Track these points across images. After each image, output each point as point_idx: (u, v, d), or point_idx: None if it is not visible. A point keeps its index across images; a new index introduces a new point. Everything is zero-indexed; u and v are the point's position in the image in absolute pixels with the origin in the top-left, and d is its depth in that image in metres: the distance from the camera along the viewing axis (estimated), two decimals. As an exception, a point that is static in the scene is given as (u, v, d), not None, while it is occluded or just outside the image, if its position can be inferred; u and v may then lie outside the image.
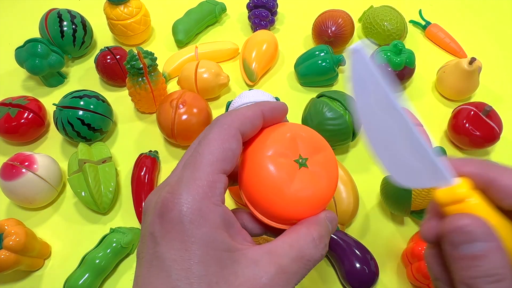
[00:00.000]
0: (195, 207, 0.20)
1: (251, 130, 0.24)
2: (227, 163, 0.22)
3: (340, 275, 0.42)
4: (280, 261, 0.21)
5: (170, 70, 0.62)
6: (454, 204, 0.20)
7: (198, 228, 0.20)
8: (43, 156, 0.48)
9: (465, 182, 0.20)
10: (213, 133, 0.22)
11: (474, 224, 0.19)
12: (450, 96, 0.60)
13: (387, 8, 0.65)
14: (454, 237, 0.19)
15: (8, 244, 0.39)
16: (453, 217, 0.19)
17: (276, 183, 0.23)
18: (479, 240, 0.18)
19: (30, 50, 0.56)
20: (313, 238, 0.22)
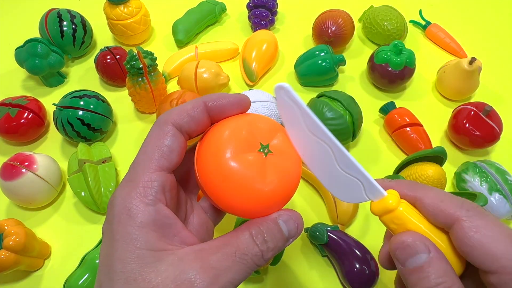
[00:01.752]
0: (124, 208, 0.21)
1: (191, 122, 0.23)
2: (163, 160, 0.22)
3: (340, 275, 0.42)
4: (207, 256, 0.20)
5: (170, 70, 0.62)
6: (387, 213, 0.22)
7: (124, 227, 0.20)
8: (43, 156, 0.48)
9: (393, 193, 0.22)
10: (149, 132, 0.23)
11: (413, 238, 0.21)
12: (450, 96, 0.60)
13: (387, 8, 0.65)
14: (399, 255, 0.21)
15: (8, 244, 0.39)
16: (394, 237, 0.22)
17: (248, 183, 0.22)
18: (420, 252, 0.20)
19: (30, 50, 0.56)
20: (250, 233, 0.21)
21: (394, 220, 0.22)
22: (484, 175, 0.46)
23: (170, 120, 0.23)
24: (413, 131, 0.52)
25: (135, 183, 0.21)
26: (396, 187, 0.23)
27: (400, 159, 0.53)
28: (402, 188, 0.23)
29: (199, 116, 0.23)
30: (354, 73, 0.64)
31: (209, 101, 0.23)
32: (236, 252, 0.21)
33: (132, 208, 0.20)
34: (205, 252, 0.20)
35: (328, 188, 0.24)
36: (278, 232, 0.22)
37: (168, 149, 0.22)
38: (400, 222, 0.22)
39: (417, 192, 0.23)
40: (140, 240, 0.20)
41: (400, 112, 0.54)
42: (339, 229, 0.44)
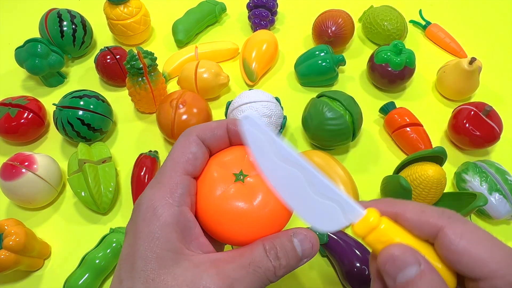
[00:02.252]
0: (150, 206, 0.21)
1: (213, 139, 0.25)
2: (188, 165, 0.23)
3: (340, 275, 0.42)
4: (223, 266, 0.21)
5: (170, 70, 0.62)
6: (370, 232, 0.21)
7: (147, 226, 0.21)
8: (43, 156, 0.48)
9: (372, 211, 0.22)
10: (176, 142, 0.25)
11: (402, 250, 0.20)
12: (450, 96, 0.60)
13: (387, 8, 0.65)
14: (389, 269, 0.20)
15: (8, 244, 0.39)
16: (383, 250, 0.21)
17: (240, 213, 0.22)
18: (410, 264, 0.19)
19: (30, 50, 0.56)
20: (264, 248, 0.22)
21: (380, 238, 0.21)
22: (484, 175, 0.46)
23: (195, 132, 0.25)
24: (413, 131, 0.52)
25: (162, 184, 0.22)
26: (374, 205, 0.23)
27: (400, 159, 0.53)
28: (380, 205, 0.23)
29: (220, 135, 0.25)
30: (354, 73, 0.64)
31: (231, 125, 0.25)
32: (251, 264, 0.21)
33: (157, 207, 0.21)
34: (221, 261, 0.21)
35: (305, 219, 0.22)
36: (292, 250, 0.22)
37: (193, 156, 0.24)
38: (385, 239, 0.21)
39: (396, 207, 0.22)
40: (161, 240, 0.21)
41: (400, 112, 0.54)
42: (339, 229, 0.44)
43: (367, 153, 0.55)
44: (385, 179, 0.46)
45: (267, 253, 0.21)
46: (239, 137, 0.25)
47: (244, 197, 0.23)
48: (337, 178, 0.47)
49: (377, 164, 0.54)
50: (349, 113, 0.49)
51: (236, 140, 0.26)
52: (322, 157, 0.49)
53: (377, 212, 0.22)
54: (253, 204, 0.23)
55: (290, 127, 0.57)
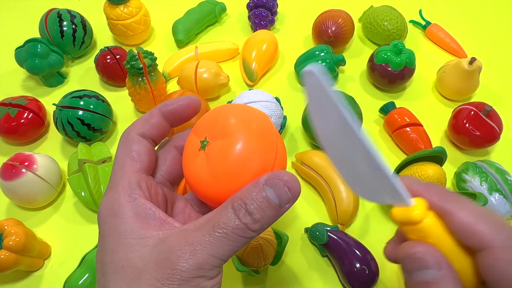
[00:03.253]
0: (108, 209, 0.23)
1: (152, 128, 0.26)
2: (135, 163, 0.24)
3: (340, 275, 0.42)
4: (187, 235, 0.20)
5: (170, 70, 0.62)
6: (409, 225, 0.20)
7: (109, 225, 0.22)
8: (43, 156, 0.48)
9: (421, 203, 0.20)
10: (118, 146, 0.25)
11: (425, 252, 0.19)
12: (450, 96, 0.60)
13: (387, 8, 0.65)
14: (407, 264, 0.20)
15: (8, 244, 0.39)
16: (406, 244, 0.20)
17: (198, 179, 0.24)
18: (430, 267, 0.19)
19: (30, 50, 0.56)
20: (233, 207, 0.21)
21: (417, 232, 0.20)
22: (484, 175, 0.46)
23: (132, 131, 0.25)
24: (413, 131, 0.52)
25: (114, 188, 0.23)
26: (426, 194, 0.21)
27: (400, 159, 0.53)
28: (432, 195, 0.21)
29: (156, 122, 0.26)
30: (354, 73, 0.64)
31: (162, 108, 0.26)
32: (215, 226, 0.20)
33: (113, 207, 0.22)
34: (187, 231, 0.21)
35: (350, 185, 0.22)
36: (264, 200, 0.20)
37: (136, 153, 0.24)
38: (422, 235, 0.20)
39: (448, 204, 0.20)
40: (126, 231, 0.21)
41: (400, 112, 0.54)
42: (339, 229, 0.44)
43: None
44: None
45: (236, 212, 0.20)
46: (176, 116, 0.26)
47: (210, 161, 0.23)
48: (337, 178, 0.47)
49: (377, 164, 0.53)
50: (349, 113, 0.48)
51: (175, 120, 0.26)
52: (322, 157, 0.49)
53: (425, 206, 0.20)
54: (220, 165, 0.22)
55: (290, 127, 0.57)
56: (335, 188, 0.46)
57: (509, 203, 0.45)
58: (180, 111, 0.26)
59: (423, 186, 0.22)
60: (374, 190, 0.21)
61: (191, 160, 0.24)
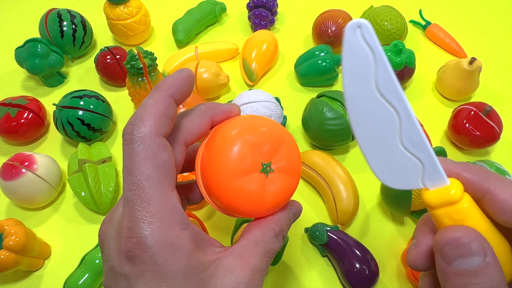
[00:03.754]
0: (165, 244, 0.19)
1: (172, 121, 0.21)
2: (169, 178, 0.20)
3: (340, 275, 0.42)
4: (251, 262, 0.22)
5: (170, 70, 0.62)
6: (445, 206, 0.19)
7: (174, 264, 0.19)
8: (43, 156, 0.48)
9: (458, 184, 0.19)
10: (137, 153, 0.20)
11: (469, 236, 0.17)
12: (450, 96, 0.60)
13: (387, 8, 0.65)
14: (448, 251, 0.18)
15: (8, 244, 0.39)
16: (447, 229, 0.18)
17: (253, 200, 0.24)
18: (475, 254, 0.17)
19: (30, 50, 0.56)
20: (275, 233, 0.24)
21: (453, 215, 0.18)
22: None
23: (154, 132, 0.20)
24: (413, 131, 0.52)
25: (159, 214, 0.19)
26: (465, 173, 0.19)
27: (400, 159, 0.52)
28: (472, 174, 0.19)
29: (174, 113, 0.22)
30: (354, 73, 0.64)
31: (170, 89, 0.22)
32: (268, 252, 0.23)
33: (172, 241, 0.19)
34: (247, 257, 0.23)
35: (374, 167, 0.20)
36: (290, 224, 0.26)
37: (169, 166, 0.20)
38: (459, 218, 0.18)
39: (490, 183, 0.19)
40: (194, 268, 0.20)
41: (400, 112, 0.54)
42: (339, 229, 0.44)
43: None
44: (385, 179, 0.46)
45: (276, 237, 0.24)
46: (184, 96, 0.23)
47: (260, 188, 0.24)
48: (337, 178, 0.47)
49: (377, 164, 0.53)
50: (349, 113, 0.48)
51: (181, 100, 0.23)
52: (322, 157, 0.49)
53: (462, 186, 0.19)
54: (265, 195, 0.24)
55: (290, 127, 0.57)
56: (335, 188, 0.46)
57: (509, 203, 0.45)
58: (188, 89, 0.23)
59: (461, 165, 0.20)
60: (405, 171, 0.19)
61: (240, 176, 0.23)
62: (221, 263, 0.22)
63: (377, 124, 0.19)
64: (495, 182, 0.19)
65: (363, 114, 0.19)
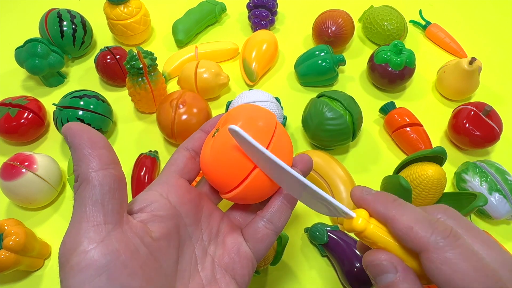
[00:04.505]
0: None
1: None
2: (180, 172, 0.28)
3: (340, 275, 0.42)
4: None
5: (170, 70, 0.62)
6: (356, 233, 0.23)
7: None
8: (43, 156, 0.48)
9: (362, 213, 0.23)
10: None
11: (381, 258, 0.21)
12: (450, 96, 0.60)
13: (387, 8, 0.65)
14: (370, 271, 0.22)
15: (8, 244, 0.39)
16: (367, 253, 0.23)
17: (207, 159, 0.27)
18: (388, 271, 0.21)
19: (30, 50, 0.56)
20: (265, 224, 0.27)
21: (365, 239, 0.23)
22: (484, 175, 0.46)
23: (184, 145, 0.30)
24: (413, 131, 0.52)
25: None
26: (372, 203, 0.23)
27: (400, 159, 0.53)
28: (377, 204, 0.23)
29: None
30: (354, 73, 0.64)
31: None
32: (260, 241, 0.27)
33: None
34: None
35: (307, 205, 0.26)
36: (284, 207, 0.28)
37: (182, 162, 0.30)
38: (370, 242, 0.22)
39: (392, 211, 0.22)
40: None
41: (400, 112, 0.54)
42: (339, 229, 0.44)
43: (367, 153, 0.55)
44: (385, 179, 0.46)
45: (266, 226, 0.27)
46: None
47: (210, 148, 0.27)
48: (337, 178, 0.47)
49: (377, 164, 0.54)
50: (349, 113, 0.49)
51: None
52: (322, 157, 0.49)
53: (366, 216, 0.23)
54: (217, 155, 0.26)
55: (290, 127, 0.57)
56: (335, 188, 0.46)
57: (509, 203, 0.45)
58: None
59: (372, 196, 0.23)
60: (325, 208, 0.24)
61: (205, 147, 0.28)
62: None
63: (287, 183, 0.25)
64: (396, 210, 0.22)
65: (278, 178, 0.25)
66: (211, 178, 0.27)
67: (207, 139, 0.28)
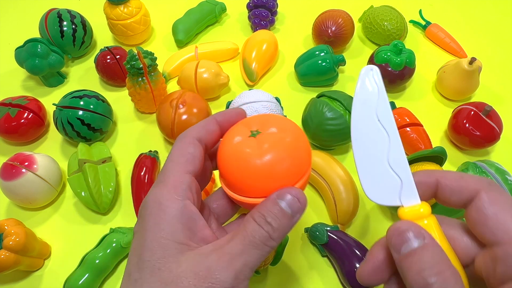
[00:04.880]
0: (155, 202, 0.23)
1: (207, 134, 0.27)
2: (188, 164, 0.25)
3: (340, 275, 0.42)
4: (221, 243, 0.22)
5: (170, 70, 0.62)
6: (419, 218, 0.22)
7: (153, 219, 0.23)
8: (43, 156, 0.48)
9: (425, 205, 0.23)
10: (174, 146, 0.26)
11: (407, 225, 0.21)
12: (450, 96, 0.60)
13: (387, 8, 0.65)
14: (395, 241, 0.21)
15: (8, 244, 0.39)
16: (390, 227, 0.22)
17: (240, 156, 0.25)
18: (415, 238, 0.21)
19: (30, 50, 0.56)
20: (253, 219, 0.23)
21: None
22: (484, 175, 0.46)
23: (191, 134, 0.26)
24: (413, 131, 0.52)
25: (165, 183, 0.24)
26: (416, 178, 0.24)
27: (400, 159, 0.52)
28: (420, 176, 0.24)
29: (212, 129, 0.28)
30: (354, 73, 0.64)
31: (218, 117, 0.28)
32: (245, 237, 0.22)
33: (162, 202, 0.23)
34: (220, 244, 0.22)
35: (363, 181, 0.24)
36: (279, 211, 0.23)
37: (191, 156, 0.25)
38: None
39: (435, 175, 0.23)
40: (167, 231, 0.22)
41: (400, 112, 0.54)
42: (339, 229, 0.44)
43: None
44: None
45: (257, 222, 0.23)
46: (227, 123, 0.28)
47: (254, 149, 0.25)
48: (337, 178, 0.47)
49: (377, 164, 0.53)
50: (349, 113, 0.49)
51: (225, 127, 0.28)
52: (322, 157, 0.49)
53: (429, 207, 0.23)
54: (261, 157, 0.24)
55: (290, 127, 0.57)
56: (335, 188, 0.46)
57: (509, 203, 0.45)
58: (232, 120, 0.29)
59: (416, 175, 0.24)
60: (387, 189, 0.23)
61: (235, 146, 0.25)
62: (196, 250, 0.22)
63: (372, 143, 0.24)
64: (440, 173, 0.23)
65: (363, 133, 0.24)
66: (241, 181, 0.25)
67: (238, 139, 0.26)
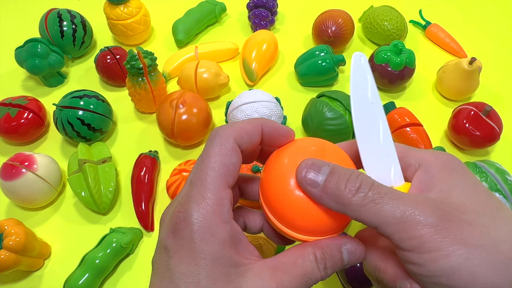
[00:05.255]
0: (205, 226, 0.21)
1: (248, 144, 0.24)
2: (229, 177, 0.22)
3: (340, 275, 0.42)
4: (282, 277, 0.21)
5: (170, 70, 0.62)
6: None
7: (207, 245, 0.21)
8: (43, 156, 0.48)
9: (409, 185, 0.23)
10: (213, 148, 0.23)
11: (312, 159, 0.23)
12: (450, 96, 0.60)
13: (387, 8, 0.65)
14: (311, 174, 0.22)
15: (8, 244, 0.39)
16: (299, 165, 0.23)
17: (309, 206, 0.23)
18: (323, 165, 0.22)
19: (30, 50, 0.56)
20: (315, 257, 0.22)
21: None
22: (484, 175, 0.46)
23: (232, 136, 0.23)
24: (413, 131, 0.52)
25: (207, 199, 0.22)
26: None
27: (400, 159, 0.52)
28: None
29: (256, 140, 0.24)
30: (354, 73, 0.64)
31: (265, 127, 0.25)
32: (304, 275, 0.22)
33: (211, 226, 0.21)
34: (279, 271, 0.21)
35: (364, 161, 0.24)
36: (339, 261, 0.23)
37: (233, 168, 0.23)
38: None
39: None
40: (224, 258, 0.21)
41: (400, 112, 0.54)
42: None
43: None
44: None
45: (317, 263, 0.22)
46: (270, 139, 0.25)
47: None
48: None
49: (377, 164, 0.53)
50: (349, 113, 0.49)
51: (267, 141, 0.25)
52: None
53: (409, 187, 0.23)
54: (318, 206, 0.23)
55: (290, 127, 0.57)
56: (335, 188, 0.46)
57: (509, 203, 0.45)
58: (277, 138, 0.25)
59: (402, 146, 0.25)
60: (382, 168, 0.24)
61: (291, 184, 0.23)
62: (252, 268, 0.22)
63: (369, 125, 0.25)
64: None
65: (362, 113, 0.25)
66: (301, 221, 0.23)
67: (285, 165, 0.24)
